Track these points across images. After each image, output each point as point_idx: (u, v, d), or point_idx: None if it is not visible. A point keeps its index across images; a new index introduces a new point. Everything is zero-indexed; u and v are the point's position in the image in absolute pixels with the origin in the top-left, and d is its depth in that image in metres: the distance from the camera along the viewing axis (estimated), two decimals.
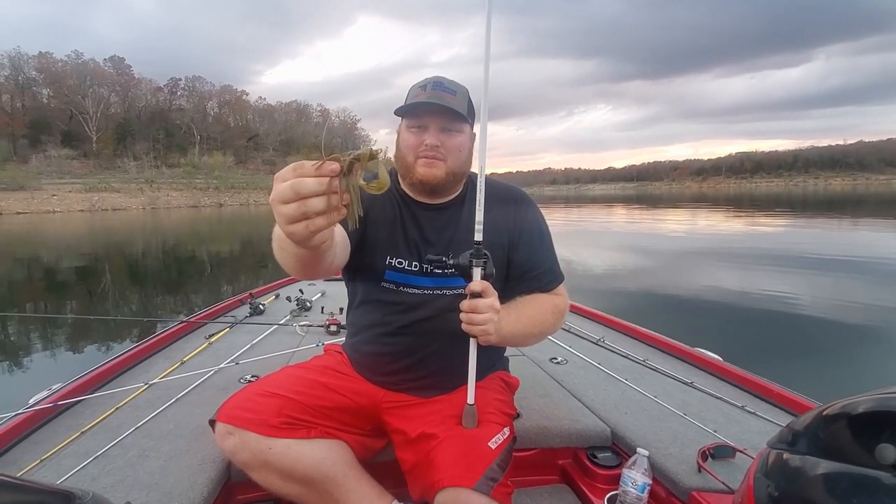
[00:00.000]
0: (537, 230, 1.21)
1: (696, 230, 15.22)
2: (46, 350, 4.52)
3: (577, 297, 2.21)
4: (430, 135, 1.06)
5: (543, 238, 1.21)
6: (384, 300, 1.15)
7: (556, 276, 1.20)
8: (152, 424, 1.36)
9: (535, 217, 1.22)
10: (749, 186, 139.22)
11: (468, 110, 1.09)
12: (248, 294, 2.73)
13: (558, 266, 1.22)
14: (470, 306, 0.95)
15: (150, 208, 48.89)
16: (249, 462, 1.02)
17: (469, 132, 1.12)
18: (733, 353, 1.89)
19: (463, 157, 1.11)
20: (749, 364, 1.71)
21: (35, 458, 1.18)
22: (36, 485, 0.52)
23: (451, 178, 1.11)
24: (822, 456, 0.57)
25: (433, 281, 1.13)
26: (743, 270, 7.73)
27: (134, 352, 1.87)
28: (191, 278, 9.52)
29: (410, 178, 1.11)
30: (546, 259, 1.19)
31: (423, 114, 1.07)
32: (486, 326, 0.95)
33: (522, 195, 1.25)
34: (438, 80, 1.09)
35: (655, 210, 27.86)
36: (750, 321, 4.87)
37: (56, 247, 15.91)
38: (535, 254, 1.18)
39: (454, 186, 1.16)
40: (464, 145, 1.10)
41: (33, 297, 7.75)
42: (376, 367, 1.19)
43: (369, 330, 1.19)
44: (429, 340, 1.14)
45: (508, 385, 1.28)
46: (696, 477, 1.11)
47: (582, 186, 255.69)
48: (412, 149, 1.08)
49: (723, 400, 1.49)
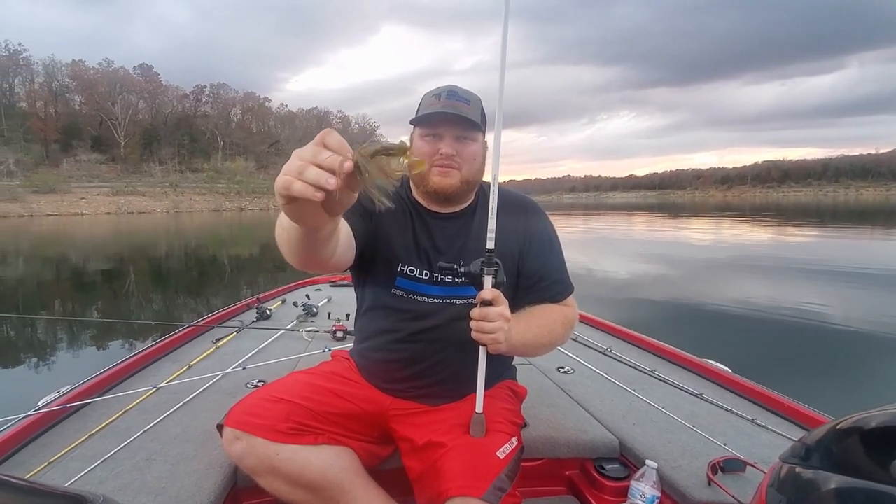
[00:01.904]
0: (548, 240, 1.20)
1: (718, 240, 14.92)
2: (55, 352, 4.61)
3: (591, 306, 2.16)
4: (446, 143, 1.06)
5: (554, 248, 1.20)
6: (394, 307, 1.15)
7: (566, 288, 1.19)
8: (160, 428, 1.36)
9: (546, 227, 1.21)
10: (776, 196, 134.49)
11: (482, 119, 1.10)
12: (256, 299, 2.75)
13: (568, 277, 1.20)
14: (481, 314, 0.94)
15: (174, 212, 50.04)
16: (256, 468, 1.02)
17: (482, 141, 1.12)
18: (749, 366, 1.85)
19: (477, 166, 1.12)
20: (763, 377, 1.67)
21: (43, 460, 1.19)
22: (48, 488, 0.52)
23: (465, 186, 1.11)
24: (835, 471, 0.56)
25: (443, 290, 1.12)
26: (765, 281, 7.55)
27: (142, 355, 1.89)
28: (211, 281, 9.68)
29: (425, 187, 1.12)
30: (556, 269, 1.18)
31: (438, 123, 1.07)
32: (497, 335, 0.94)
33: (533, 204, 1.24)
34: (453, 90, 1.09)
35: (677, 219, 27.40)
36: (768, 333, 4.74)
37: (82, 248, 16.38)
38: (545, 264, 1.17)
39: (467, 195, 1.16)
40: (478, 154, 1.10)
41: (59, 296, 7.97)
42: (384, 374, 1.18)
43: (378, 336, 1.19)
44: (438, 349, 1.13)
45: (516, 394, 1.27)
46: (705, 490, 1.09)
47: (602, 194, 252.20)
48: (427, 157, 1.07)
49: (732, 412, 1.46)
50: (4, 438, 1.23)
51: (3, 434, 1.24)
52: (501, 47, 0.95)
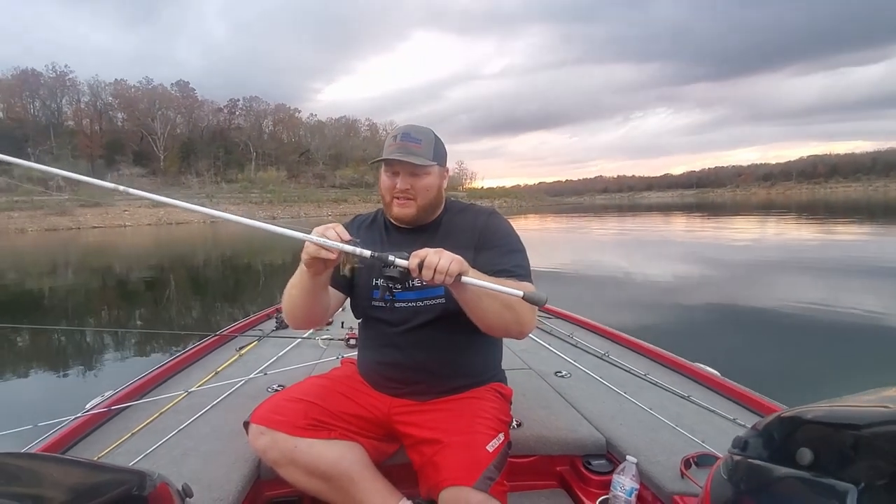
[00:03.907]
0: (503, 234, 1.28)
1: (762, 239, 14.37)
2: (99, 359, 4.98)
3: (616, 310, 2.11)
4: (401, 180, 1.22)
5: (509, 243, 1.27)
6: (377, 317, 1.30)
7: (522, 276, 1.19)
8: (192, 428, 1.50)
9: (500, 225, 1.31)
10: (824, 192, 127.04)
11: (434, 152, 1.24)
12: (275, 309, 2.87)
13: (526, 269, 1.24)
14: (419, 256, 0.98)
15: (210, 222, 51.77)
16: (278, 459, 1.17)
17: (437, 171, 1.26)
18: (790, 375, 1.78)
19: (432, 195, 1.26)
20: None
21: (92, 456, 1.32)
22: (115, 466, 0.62)
23: (422, 213, 1.26)
24: (767, 460, 0.63)
25: (416, 294, 1.25)
26: (816, 281, 7.22)
27: (174, 362, 2.05)
28: (246, 288, 9.99)
29: (389, 214, 1.30)
30: (511, 261, 1.23)
31: (394, 163, 1.22)
32: (447, 264, 0.97)
33: (490, 210, 1.37)
34: (406, 131, 1.24)
35: (718, 219, 26.50)
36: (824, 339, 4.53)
37: (125, 258, 17.17)
38: (499, 256, 1.23)
39: (428, 217, 1.30)
40: (432, 185, 1.25)
41: (106, 305, 8.38)
42: (378, 376, 1.32)
43: (370, 343, 1.36)
44: (420, 349, 1.26)
45: (502, 395, 1.36)
46: (678, 482, 1.19)
47: (636, 194, 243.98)
48: (388, 190, 1.25)
49: (716, 413, 1.53)
50: (59, 437, 1.37)
51: (58, 433, 1.38)
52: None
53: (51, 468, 0.54)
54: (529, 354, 2.13)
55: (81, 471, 0.55)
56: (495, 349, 1.40)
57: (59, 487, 0.48)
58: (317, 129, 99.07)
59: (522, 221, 32.02)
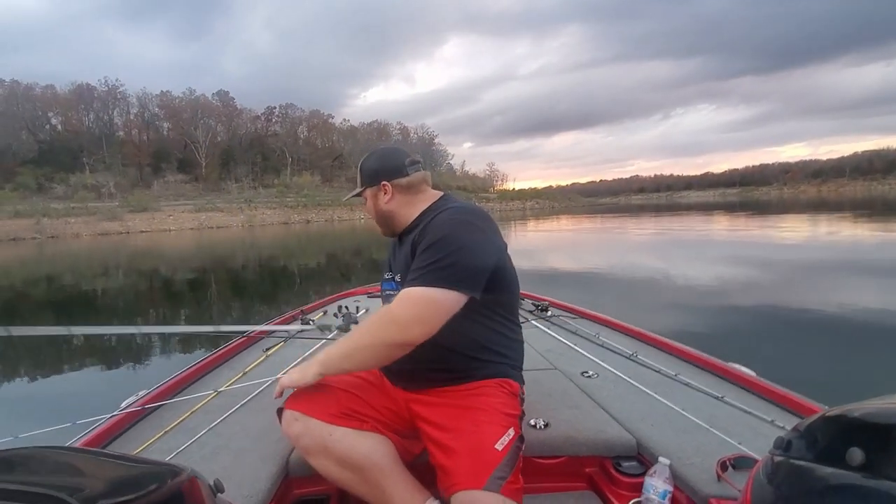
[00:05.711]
0: (430, 233, 1.15)
1: (814, 238, 13.67)
2: (134, 359, 5.19)
3: (647, 311, 2.04)
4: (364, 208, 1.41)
5: (431, 241, 1.13)
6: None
7: (415, 280, 1.10)
8: (222, 426, 1.53)
9: (434, 223, 1.18)
10: (881, 188, 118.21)
11: (363, 177, 1.36)
12: (300, 311, 2.92)
13: (425, 270, 1.10)
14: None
15: (248, 226, 53.45)
16: (311, 447, 1.18)
17: (369, 192, 1.36)
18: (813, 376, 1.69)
19: (376, 214, 1.37)
20: (820, 386, 1.57)
21: (127, 452, 1.34)
22: (149, 461, 0.64)
23: (385, 228, 1.39)
24: (814, 461, 0.60)
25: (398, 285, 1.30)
26: (871, 282, 6.81)
27: (204, 362, 2.10)
28: (283, 289, 10.25)
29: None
30: (417, 262, 1.13)
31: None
32: (280, 388, 1.23)
33: (450, 208, 1.24)
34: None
35: (764, 217, 25.31)
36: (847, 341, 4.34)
37: (170, 260, 17.96)
38: (420, 254, 1.14)
39: (397, 226, 1.36)
40: (370, 207, 1.38)
41: (152, 305, 8.79)
42: (386, 370, 1.34)
43: None
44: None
45: (508, 389, 1.27)
46: (715, 485, 1.14)
47: (675, 194, 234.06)
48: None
49: (752, 414, 1.47)
50: (95, 435, 1.41)
51: (94, 431, 1.43)
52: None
53: (91, 462, 0.57)
54: (555, 355, 2.12)
55: (120, 465, 0.58)
56: (500, 342, 1.29)
57: (100, 479, 0.51)
58: (349, 134, 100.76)
59: (554, 223, 31.54)
